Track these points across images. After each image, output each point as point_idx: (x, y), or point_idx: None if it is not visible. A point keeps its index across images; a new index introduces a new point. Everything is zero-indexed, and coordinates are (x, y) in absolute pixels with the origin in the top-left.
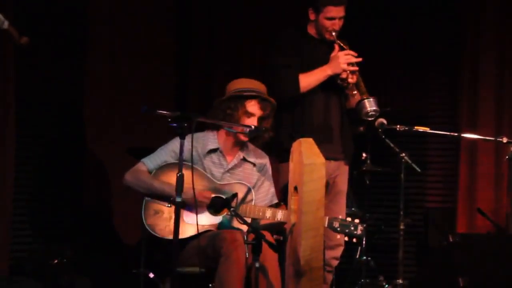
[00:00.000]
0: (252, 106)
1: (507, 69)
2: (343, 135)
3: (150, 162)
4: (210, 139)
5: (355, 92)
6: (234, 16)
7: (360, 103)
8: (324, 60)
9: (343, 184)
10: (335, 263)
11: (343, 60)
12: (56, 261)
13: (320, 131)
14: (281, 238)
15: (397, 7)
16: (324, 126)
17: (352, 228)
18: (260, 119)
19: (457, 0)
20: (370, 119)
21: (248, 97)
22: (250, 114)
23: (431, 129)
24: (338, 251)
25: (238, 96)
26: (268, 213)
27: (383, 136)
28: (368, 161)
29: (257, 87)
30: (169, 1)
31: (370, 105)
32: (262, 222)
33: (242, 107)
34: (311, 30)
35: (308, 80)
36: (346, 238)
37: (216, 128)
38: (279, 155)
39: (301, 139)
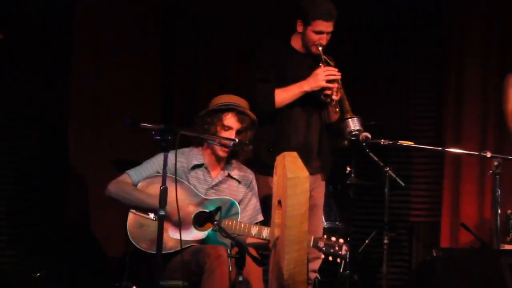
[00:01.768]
0: (229, 119)
1: (491, 83)
2: (322, 150)
3: (135, 174)
4: (195, 155)
5: (338, 109)
6: (220, 30)
7: (344, 122)
8: (306, 74)
9: (319, 198)
10: (313, 275)
11: (322, 77)
12: (39, 274)
13: (298, 145)
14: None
15: (382, 21)
16: (303, 141)
17: (337, 248)
18: (238, 132)
19: (442, 16)
20: (353, 138)
21: (225, 111)
22: (228, 128)
23: (415, 143)
24: (317, 264)
25: (215, 110)
26: (254, 230)
27: (367, 150)
28: (352, 175)
29: (235, 101)
30: (155, 14)
31: (353, 124)
32: (248, 240)
33: (219, 121)
34: (296, 43)
35: (283, 95)
36: (331, 258)
37: (201, 144)
38: (258, 167)
39: (284, 153)
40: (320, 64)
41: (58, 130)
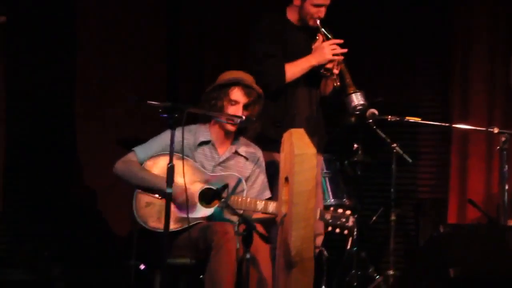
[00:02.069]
0: (235, 94)
1: (498, 57)
2: (319, 126)
3: (141, 152)
4: (202, 132)
5: (339, 83)
6: (225, 7)
7: (347, 97)
8: (304, 47)
9: (318, 174)
10: (316, 251)
11: (329, 51)
12: (46, 253)
13: (303, 122)
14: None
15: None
16: (307, 117)
17: (344, 220)
18: (245, 106)
19: None
20: (357, 113)
21: (231, 85)
22: (235, 102)
23: (422, 120)
24: (319, 240)
25: (222, 86)
26: (260, 205)
27: (374, 127)
28: (359, 152)
29: (241, 76)
30: None
31: (357, 99)
32: (254, 216)
33: (226, 96)
34: (292, 16)
35: (293, 70)
36: (338, 230)
37: (208, 120)
38: (263, 143)
39: (291, 129)
40: (317, 37)
41: (63, 109)
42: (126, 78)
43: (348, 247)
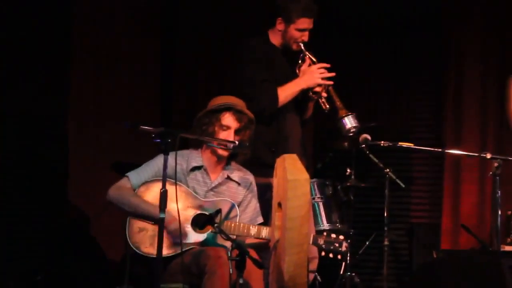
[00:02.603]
0: (227, 119)
1: (491, 85)
2: (304, 148)
3: (135, 177)
4: (194, 157)
5: (327, 106)
6: (220, 32)
7: (340, 121)
8: (289, 71)
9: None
10: (311, 276)
11: (318, 75)
12: (39, 277)
13: (296, 145)
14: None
15: (381, 23)
16: (298, 139)
17: (337, 245)
18: (237, 131)
19: (441, 16)
20: (351, 135)
21: (222, 110)
22: (226, 127)
23: (415, 145)
24: (314, 264)
25: (213, 111)
26: (253, 230)
27: (367, 152)
28: (353, 177)
29: (232, 101)
30: (154, 16)
31: (350, 122)
32: (247, 241)
33: (217, 121)
34: (274, 40)
35: (285, 94)
36: (331, 255)
37: (200, 146)
38: (258, 169)
39: (284, 155)
40: (300, 61)
41: (57, 132)
42: (119, 102)
43: (341, 272)
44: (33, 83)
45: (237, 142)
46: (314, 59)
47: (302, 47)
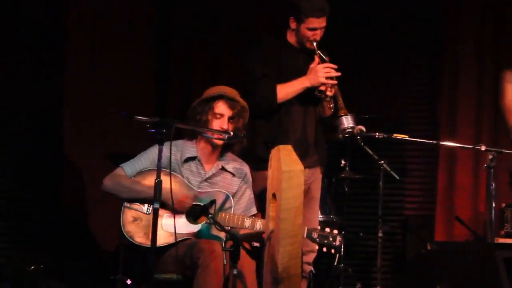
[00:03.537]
0: (219, 107)
1: (486, 76)
2: (318, 143)
3: (129, 168)
4: (189, 147)
5: (332, 105)
6: (215, 23)
7: (338, 119)
8: (303, 68)
9: (317, 190)
10: (308, 268)
11: (322, 74)
12: (33, 267)
13: (296, 140)
14: (259, 244)
15: (376, 15)
16: (300, 135)
17: (331, 239)
18: (230, 119)
19: (435, 7)
20: (346, 135)
21: (215, 99)
22: (219, 115)
23: (410, 137)
24: (311, 257)
25: (206, 100)
26: (247, 222)
27: (362, 144)
28: (347, 168)
29: (225, 90)
30: (149, 8)
31: (347, 122)
32: (241, 232)
33: (210, 110)
34: (291, 38)
35: (286, 91)
36: (325, 249)
37: (194, 137)
38: (254, 163)
39: (279, 146)
40: (316, 58)
41: (52, 123)
42: (114, 92)
43: (335, 263)
44: (26, 74)
45: (231, 133)
46: (325, 58)
47: (315, 46)
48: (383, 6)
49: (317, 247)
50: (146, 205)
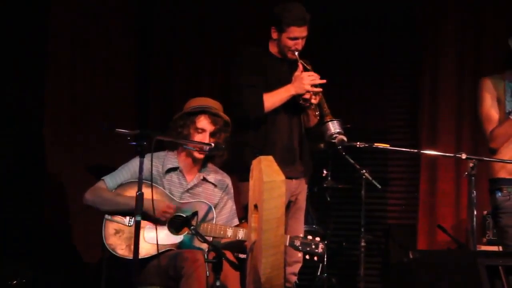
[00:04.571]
0: (202, 122)
1: (466, 85)
2: (303, 154)
3: (110, 180)
4: (170, 159)
5: (318, 113)
6: (195, 34)
7: (324, 125)
8: (286, 78)
9: (303, 201)
10: (293, 278)
11: (307, 81)
12: (15, 281)
13: (283, 151)
14: (245, 256)
15: (357, 25)
16: (286, 145)
17: (313, 246)
18: (212, 135)
19: (417, 19)
20: (333, 141)
21: (197, 113)
22: (201, 130)
23: (391, 146)
24: (297, 267)
25: (188, 113)
26: (229, 232)
27: (344, 153)
28: (329, 178)
29: (208, 103)
30: (129, 20)
31: (334, 127)
32: (223, 241)
33: (192, 124)
34: (273, 49)
35: (272, 100)
36: (308, 256)
37: (176, 148)
38: (241, 174)
39: (260, 156)
40: (299, 66)
41: (33, 135)
42: (95, 104)
43: (319, 273)
44: (6, 85)
45: (213, 145)
46: (307, 67)
47: (296, 55)
48: (364, 16)
49: (301, 256)
50: (127, 218)
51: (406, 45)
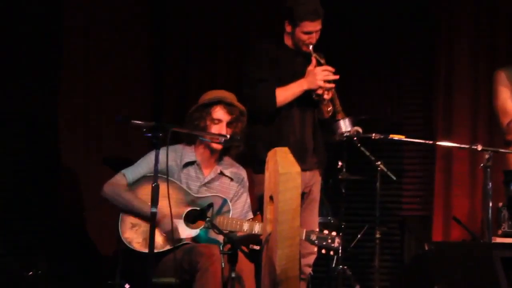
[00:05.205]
0: (217, 112)
1: (481, 76)
2: (317, 145)
3: (130, 174)
4: (187, 152)
5: (330, 108)
6: (211, 27)
7: (336, 123)
8: (301, 71)
9: (317, 192)
10: (308, 270)
11: (320, 77)
12: (31, 272)
13: (295, 143)
14: (258, 247)
15: (371, 15)
16: (300, 138)
17: (330, 241)
18: (229, 124)
19: (431, 8)
20: (344, 139)
21: (213, 104)
22: (217, 121)
23: (406, 137)
24: (311, 259)
25: (204, 105)
26: (246, 226)
27: (359, 145)
28: (344, 170)
29: (223, 94)
30: (143, 9)
31: (345, 126)
32: (239, 234)
33: (208, 115)
34: (288, 41)
35: (285, 94)
36: (324, 251)
37: (193, 142)
38: (255, 166)
39: (276, 148)
40: (313, 60)
41: (48, 128)
42: (111, 96)
43: (333, 265)
44: (22, 79)
45: (228, 136)
46: (321, 61)
47: (310, 49)
48: (380, 8)
49: (316, 248)
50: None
51: (421, 36)
